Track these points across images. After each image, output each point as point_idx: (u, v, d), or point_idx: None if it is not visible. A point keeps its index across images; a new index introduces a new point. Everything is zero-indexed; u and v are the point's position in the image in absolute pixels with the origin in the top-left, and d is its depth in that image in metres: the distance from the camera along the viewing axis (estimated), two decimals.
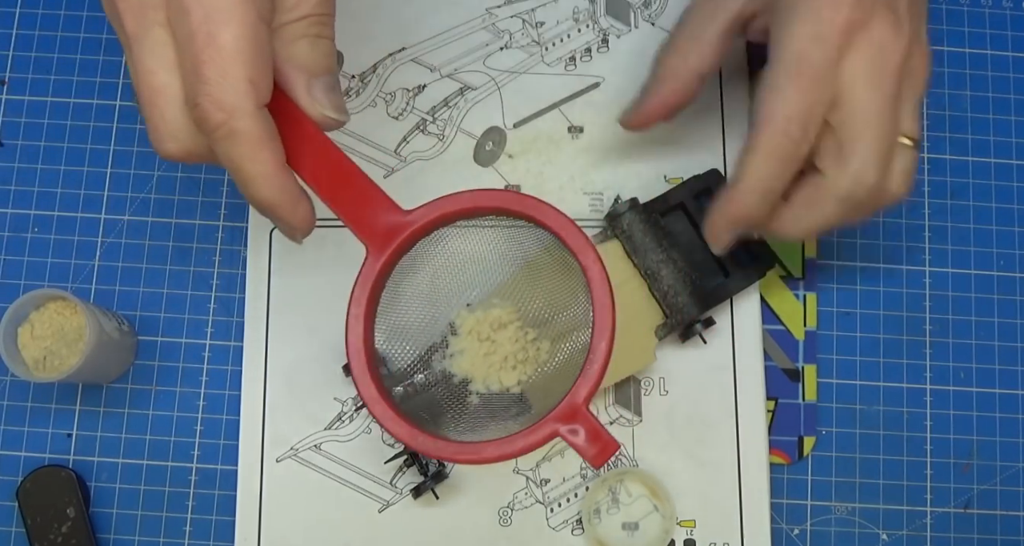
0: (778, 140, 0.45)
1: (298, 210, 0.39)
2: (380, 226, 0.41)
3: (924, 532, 0.56)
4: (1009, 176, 0.61)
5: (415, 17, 0.61)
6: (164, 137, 0.38)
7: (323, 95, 0.39)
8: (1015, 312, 0.59)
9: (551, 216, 0.40)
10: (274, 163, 0.38)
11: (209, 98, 0.36)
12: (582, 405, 0.38)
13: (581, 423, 0.37)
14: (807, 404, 0.57)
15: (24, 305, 0.53)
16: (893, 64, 0.45)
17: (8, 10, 0.62)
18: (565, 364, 0.44)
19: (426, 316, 0.45)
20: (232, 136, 0.36)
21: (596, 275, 0.39)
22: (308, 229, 0.40)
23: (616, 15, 0.62)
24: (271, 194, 0.38)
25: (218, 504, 0.56)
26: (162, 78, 0.37)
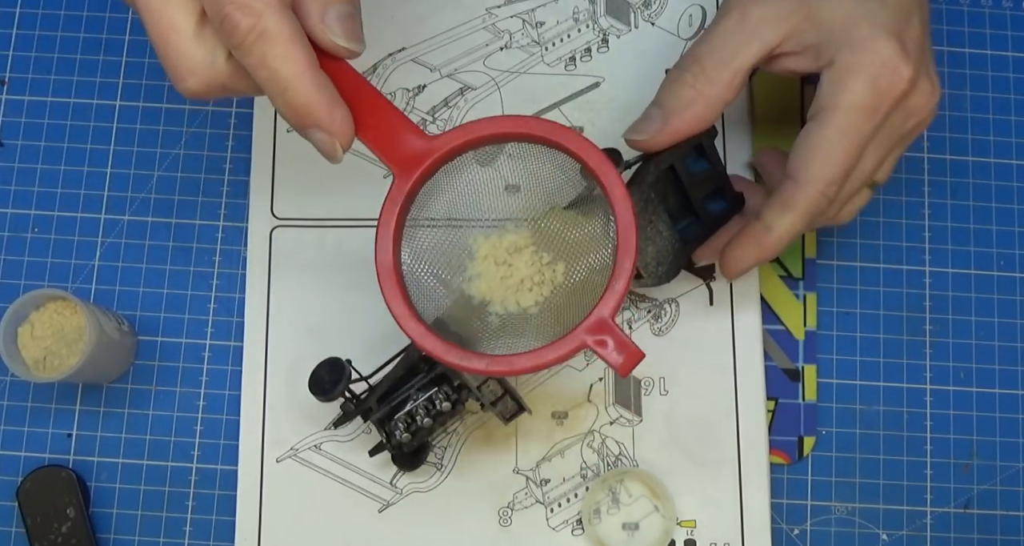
0: (817, 200, 0.47)
1: (336, 113, 0.39)
2: (407, 151, 0.41)
3: (924, 532, 0.56)
4: (1009, 176, 0.61)
5: (415, 17, 0.61)
6: (184, 74, 0.38)
7: (336, 23, 0.39)
8: (1015, 312, 0.59)
9: (573, 140, 0.41)
10: (308, 61, 0.38)
11: (234, 6, 0.36)
12: (609, 318, 0.40)
13: (609, 335, 0.40)
14: (807, 404, 0.57)
15: (24, 305, 0.53)
16: (910, 128, 0.48)
17: (8, 10, 0.62)
18: (581, 286, 0.44)
19: (446, 241, 0.46)
20: (263, 37, 0.36)
21: (619, 196, 0.41)
22: (348, 137, 0.40)
23: (616, 15, 0.62)
24: (309, 95, 0.38)
25: (218, 504, 0.56)
26: (172, 14, 0.37)
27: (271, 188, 0.59)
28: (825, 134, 0.46)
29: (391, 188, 0.41)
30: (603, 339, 0.40)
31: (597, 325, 0.40)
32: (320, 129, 0.39)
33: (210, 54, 0.38)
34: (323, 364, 0.50)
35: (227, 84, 0.39)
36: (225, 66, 0.38)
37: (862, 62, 0.46)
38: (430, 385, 0.50)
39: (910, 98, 0.47)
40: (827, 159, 0.46)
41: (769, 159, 0.56)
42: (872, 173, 0.49)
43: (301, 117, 0.39)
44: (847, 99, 0.46)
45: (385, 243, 0.41)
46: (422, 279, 0.44)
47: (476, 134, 0.42)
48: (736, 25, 0.48)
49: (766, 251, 0.49)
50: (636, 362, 0.40)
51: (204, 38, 0.38)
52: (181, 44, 0.38)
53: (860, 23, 0.46)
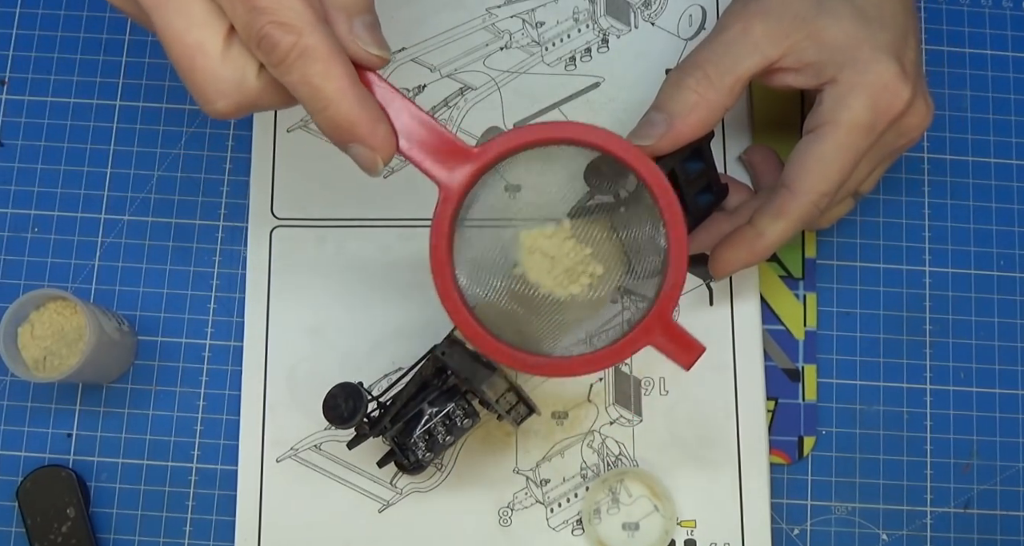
0: (810, 210, 0.49)
1: (379, 127, 0.39)
2: (449, 164, 0.41)
3: (924, 532, 0.56)
4: (1009, 176, 0.61)
5: (415, 17, 0.61)
6: (213, 96, 0.37)
7: (365, 33, 0.39)
8: (1015, 312, 0.59)
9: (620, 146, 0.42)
10: (350, 76, 0.37)
11: (273, 24, 0.35)
12: (668, 315, 0.42)
13: (670, 332, 0.42)
14: (807, 404, 0.57)
15: (24, 305, 0.53)
16: (901, 145, 0.51)
17: (8, 10, 0.62)
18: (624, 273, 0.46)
19: (491, 245, 0.46)
20: (305, 55, 0.36)
21: (669, 203, 0.42)
22: (390, 152, 0.39)
23: (616, 15, 0.62)
24: (351, 111, 0.37)
25: (218, 504, 0.56)
26: (196, 35, 0.36)
27: (271, 188, 0.59)
28: (824, 148, 0.48)
29: (438, 205, 0.41)
30: (663, 337, 0.42)
31: (656, 323, 0.42)
32: (362, 144, 0.39)
33: (240, 73, 0.37)
34: (337, 390, 0.49)
35: (257, 102, 0.38)
36: (255, 83, 0.37)
37: (864, 82, 0.48)
38: (442, 398, 0.50)
39: (905, 118, 0.49)
40: (823, 172, 0.48)
41: (759, 156, 0.57)
42: (858, 184, 0.51)
43: (343, 133, 0.38)
44: (847, 117, 0.48)
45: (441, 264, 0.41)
46: (477, 289, 0.45)
47: (517, 142, 0.42)
48: (739, 36, 0.49)
49: (756, 255, 0.51)
50: (697, 356, 0.42)
51: (232, 57, 0.37)
52: (209, 66, 0.37)
53: (863, 45, 0.48)
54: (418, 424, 0.50)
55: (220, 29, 0.37)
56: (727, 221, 0.54)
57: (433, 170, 0.41)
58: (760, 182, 0.57)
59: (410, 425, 0.50)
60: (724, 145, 0.59)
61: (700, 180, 0.53)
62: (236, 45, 0.37)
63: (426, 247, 0.44)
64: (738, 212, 0.55)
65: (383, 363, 0.57)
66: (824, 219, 0.54)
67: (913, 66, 0.49)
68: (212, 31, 0.37)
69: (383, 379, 0.56)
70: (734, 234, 0.51)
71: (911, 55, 0.50)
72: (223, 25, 0.37)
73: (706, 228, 0.55)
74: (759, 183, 0.57)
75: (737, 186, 0.57)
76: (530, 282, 0.46)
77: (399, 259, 0.58)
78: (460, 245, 0.43)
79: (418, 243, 0.58)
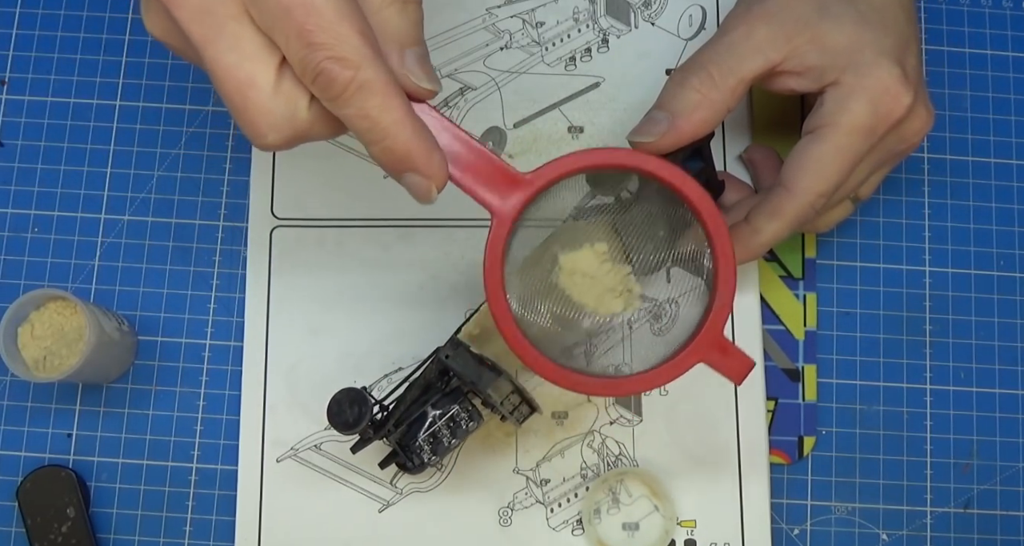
0: (806, 210, 0.49)
1: (434, 156, 0.39)
2: (501, 191, 0.42)
3: (924, 532, 0.56)
4: (1009, 176, 0.61)
5: None
6: (264, 130, 0.37)
7: (416, 66, 0.39)
8: (1015, 312, 0.59)
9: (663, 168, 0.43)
10: (406, 108, 0.37)
11: (332, 60, 0.35)
12: (720, 332, 0.43)
13: (721, 349, 0.43)
14: (807, 404, 0.57)
15: (24, 305, 0.53)
16: (901, 150, 0.51)
17: (8, 10, 0.62)
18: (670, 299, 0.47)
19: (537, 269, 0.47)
20: (363, 89, 0.36)
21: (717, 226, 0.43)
22: (444, 180, 0.40)
23: (616, 15, 0.62)
24: (408, 142, 0.38)
25: (218, 504, 0.56)
26: (248, 70, 0.36)
27: (271, 188, 0.59)
28: (822, 149, 0.48)
29: (491, 231, 0.42)
30: (716, 354, 0.43)
31: (709, 341, 0.43)
32: (417, 173, 0.39)
33: (291, 107, 0.37)
34: (341, 396, 0.49)
35: (308, 134, 0.38)
36: (306, 116, 0.37)
37: (865, 86, 0.48)
38: (445, 401, 0.50)
39: (906, 123, 0.49)
40: (821, 173, 0.48)
41: (759, 156, 0.57)
42: (856, 188, 0.51)
43: (400, 163, 0.38)
44: (848, 120, 0.48)
45: (496, 290, 0.42)
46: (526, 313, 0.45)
47: (568, 168, 0.42)
48: (742, 39, 0.49)
49: (751, 252, 0.51)
50: (748, 371, 0.43)
51: (284, 91, 0.37)
52: (261, 101, 0.37)
53: (865, 49, 0.48)
54: (422, 427, 0.50)
55: (272, 63, 0.37)
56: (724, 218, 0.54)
57: (486, 197, 0.41)
58: (760, 181, 0.57)
59: (413, 428, 0.50)
60: (724, 145, 0.59)
61: (699, 178, 0.53)
62: (288, 78, 0.37)
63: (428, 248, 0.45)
64: (735, 209, 0.55)
65: (383, 363, 0.57)
66: (822, 222, 0.54)
67: (915, 72, 0.49)
68: (264, 65, 0.36)
69: (383, 379, 0.56)
70: (730, 230, 0.51)
71: (913, 61, 0.50)
72: (275, 59, 0.37)
73: None
74: (759, 182, 0.57)
75: (736, 183, 0.57)
76: (573, 303, 0.46)
77: (399, 259, 0.58)
78: (508, 270, 0.44)
79: (419, 243, 0.58)
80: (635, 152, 0.43)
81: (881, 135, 0.48)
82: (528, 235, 0.44)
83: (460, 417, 0.50)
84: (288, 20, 0.35)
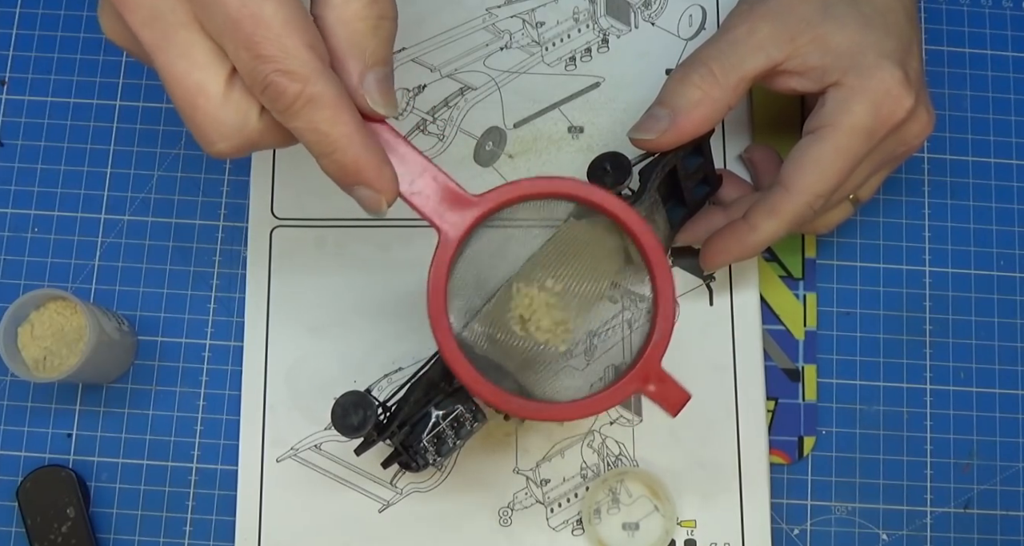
0: (804, 210, 0.49)
1: (384, 171, 0.39)
2: (451, 210, 0.41)
3: (924, 532, 0.56)
4: (1009, 176, 0.61)
5: (415, 17, 0.61)
6: (214, 137, 0.37)
7: (375, 89, 0.38)
8: (1015, 312, 0.59)
9: (613, 204, 0.43)
10: (356, 122, 0.37)
11: (279, 73, 0.35)
12: (657, 364, 0.43)
13: (658, 380, 0.43)
14: (807, 404, 0.57)
15: (24, 305, 0.53)
16: (901, 153, 0.51)
17: (8, 10, 0.62)
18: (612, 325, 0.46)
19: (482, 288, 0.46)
20: (312, 103, 0.36)
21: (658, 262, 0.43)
22: (394, 194, 0.39)
23: (616, 15, 0.62)
24: (358, 156, 0.37)
25: (218, 504, 0.56)
26: (198, 78, 0.36)
27: (271, 188, 0.59)
28: (822, 149, 0.48)
29: (437, 250, 0.41)
30: (652, 385, 0.43)
31: (650, 372, 0.43)
32: (367, 186, 0.39)
33: (241, 116, 0.37)
34: (344, 400, 0.48)
35: (258, 143, 0.38)
36: (257, 125, 0.37)
37: (867, 87, 0.48)
38: (449, 401, 0.50)
39: (906, 125, 0.49)
40: (820, 174, 0.48)
41: (759, 155, 0.57)
42: (855, 189, 0.52)
43: (349, 176, 0.38)
44: (848, 121, 0.48)
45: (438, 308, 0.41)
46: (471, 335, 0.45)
47: (517, 194, 0.42)
48: (745, 37, 0.49)
49: (747, 250, 0.51)
50: (683, 404, 0.43)
51: (233, 100, 0.37)
52: (211, 108, 0.37)
53: (867, 51, 0.48)
54: (425, 428, 0.50)
55: (222, 71, 0.36)
56: (722, 214, 0.55)
57: (433, 216, 0.41)
58: (760, 180, 0.57)
59: (417, 429, 0.50)
60: (724, 144, 0.59)
61: (698, 174, 0.53)
62: (238, 87, 0.37)
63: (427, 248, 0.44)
64: (734, 207, 0.55)
65: (383, 363, 0.57)
66: (822, 223, 0.54)
67: (916, 75, 0.49)
68: (214, 73, 0.36)
69: (383, 379, 0.56)
70: (727, 227, 0.52)
71: (915, 64, 0.50)
72: (225, 67, 0.37)
73: (701, 220, 0.55)
74: (759, 181, 0.57)
75: (735, 181, 0.57)
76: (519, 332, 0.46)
77: (399, 259, 0.58)
78: (454, 292, 0.43)
79: (418, 243, 0.58)
80: (583, 184, 0.43)
81: (881, 137, 0.48)
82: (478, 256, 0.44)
83: (464, 417, 0.50)
84: (236, 31, 0.35)
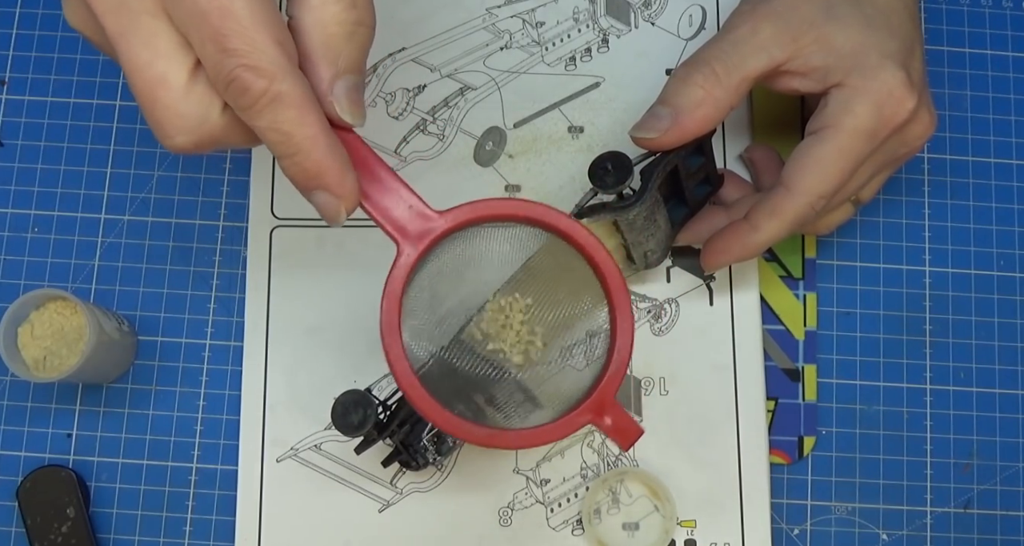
0: (806, 211, 0.49)
1: (347, 176, 0.38)
2: (412, 226, 0.41)
3: (924, 532, 0.56)
4: (1009, 176, 0.61)
5: (415, 17, 0.61)
6: (172, 131, 0.36)
7: (344, 96, 0.38)
8: (1015, 312, 0.59)
9: (580, 234, 0.43)
10: (322, 125, 0.36)
11: (245, 68, 0.34)
12: (611, 397, 0.42)
13: (611, 413, 0.42)
14: (807, 404, 0.57)
15: (24, 305, 0.53)
16: (902, 154, 0.51)
17: (8, 10, 0.62)
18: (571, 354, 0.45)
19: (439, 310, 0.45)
20: (277, 101, 0.35)
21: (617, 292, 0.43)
22: (355, 202, 0.39)
23: (616, 15, 0.62)
24: (322, 160, 0.36)
25: (218, 504, 0.56)
26: (160, 68, 0.35)
27: (271, 188, 0.59)
28: (824, 150, 0.48)
29: (394, 266, 0.41)
30: (605, 417, 0.42)
31: (599, 405, 0.42)
32: (328, 192, 0.38)
33: (203, 110, 0.36)
34: (345, 398, 0.48)
35: (219, 140, 0.37)
36: (219, 121, 0.36)
37: (870, 88, 0.48)
38: None
39: (909, 127, 0.49)
40: (822, 174, 0.48)
41: (760, 155, 0.57)
42: (857, 190, 0.51)
43: (311, 180, 0.37)
44: (851, 122, 0.48)
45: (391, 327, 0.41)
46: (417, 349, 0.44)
47: (483, 213, 0.42)
48: (747, 36, 0.49)
49: (749, 250, 0.51)
50: (635, 439, 0.43)
51: (196, 93, 0.36)
52: (171, 101, 0.35)
53: (870, 52, 0.48)
54: (426, 426, 0.50)
55: (186, 63, 0.35)
56: (723, 215, 0.55)
57: (393, 230, 0.40)
58: (760, 181, 0.57)
59: (417, 428, 0.50)
60: (724, 144, 0.59)
61: (699, 173, 0.53)
62: (201, 81, 0.36)
63: None
64: (735, 207, 0.55)
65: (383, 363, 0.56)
66: (823, 224, 0.54)
67: (919, 76, 0.49)
68: (177, 65, 0.35)
69: (384, 379, 0.56)
70: (729, 228, 0.52)
71: (917, 65, 0.50)
72: (189, 59, 0.36)
73: (703, 219, 0.55)
74: (759, 182, 0.57)
75: (737, 181, 0.57)
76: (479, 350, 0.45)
77: None
78: (411, 308, 0.42)
79: None
80: (551, 210, 0.42)
81: (883, 138, 0.48)
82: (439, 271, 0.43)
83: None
84: (203, 23, 0.34)
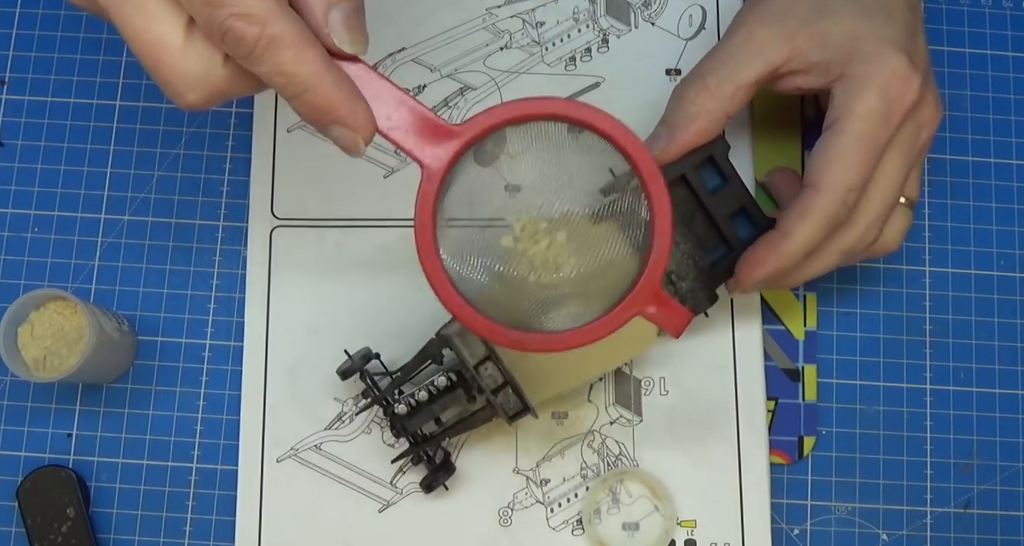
0: (836, 208, 0.47)
1: (359, 108, 0.38)
2: (431, 143, 0.41)
3: (924, 532, 0.56)
4: (1009, 176, 0.61)
5: (415, 17, 0.61)
6: (181, 89, 0.37)
7: (340, 25, 0.37)
8: (1015, 312, 0.59)
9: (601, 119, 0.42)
10: (323, 60, 0.36)
11: (236, 17, 0.34)
12: (657, 284, 0.42)
13: (658, 301, 0.42)
14: (807, 404, 0.57)
15: (24, 305, 0.53)
16: (923, 140, 0.50)
17: (8, 10, 0.62)
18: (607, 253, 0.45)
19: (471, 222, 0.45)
20: (273, 44, 0.35)
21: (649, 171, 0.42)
22: (371, 132, 0.39)
23: (616, 15, 0.62)
24: (329, 94, 0.37)
25: (218, 504, 0.56)
26: (156, 31, 0.36)
27: (271, 188, 0.59)
28: (842, 141, 0.47)
29: (422, 184, 0.41)
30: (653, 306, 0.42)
31: (647, 293, 0.42)
32: (342, 125, 0.38)
33: (206, 65, 0.36)
34: (358, 352, 0.53)
35: (227, 91, 0.37)
36: (223, 72, 0.37)
37: (872, 72, 0.47)
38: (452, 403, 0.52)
39: (920, 109, 0.48)
40: (845, 165, 0.47)
41: (782, 179, 0.57)
42: (901, 187, 0.49)
43: (322, 115, 0.38)
44: (860, 107, 0.47)
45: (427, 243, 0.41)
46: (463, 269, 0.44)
47: (500, 119, 0.41)
48: (742, 43, 0.49)
49: (783, 259, 0.48)
50: (686, 323, 0.42)
51: (196, 49, 0.36)
52: (173, 61, 0.36)
53: (866, 38, 0.48)
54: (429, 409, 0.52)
55: (179, 22, 0.36)
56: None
57: (415, 150, 0.40)
58: (783, 204, 0.56)
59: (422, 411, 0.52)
60: None
61: (727, 201, 0.51)
62: (198, 37, 0.36)
63: None
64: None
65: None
66: (889, 237, 0.52)
67: (922, 61, 0.49)
68: (171, 25, 0.36)
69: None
70: (759, 239, 0.49)
71: (919, 51, 0.49)
72: (182, 18, 0.36)
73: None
74: (782, 204, 0.57)
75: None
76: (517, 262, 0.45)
77: (399, 259, 0.58)
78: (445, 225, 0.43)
79: None
80: (570, 102, 0.42)
81: (898, 122, 0.48)
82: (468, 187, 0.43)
83: (437, 378, 0.51)
84: None
